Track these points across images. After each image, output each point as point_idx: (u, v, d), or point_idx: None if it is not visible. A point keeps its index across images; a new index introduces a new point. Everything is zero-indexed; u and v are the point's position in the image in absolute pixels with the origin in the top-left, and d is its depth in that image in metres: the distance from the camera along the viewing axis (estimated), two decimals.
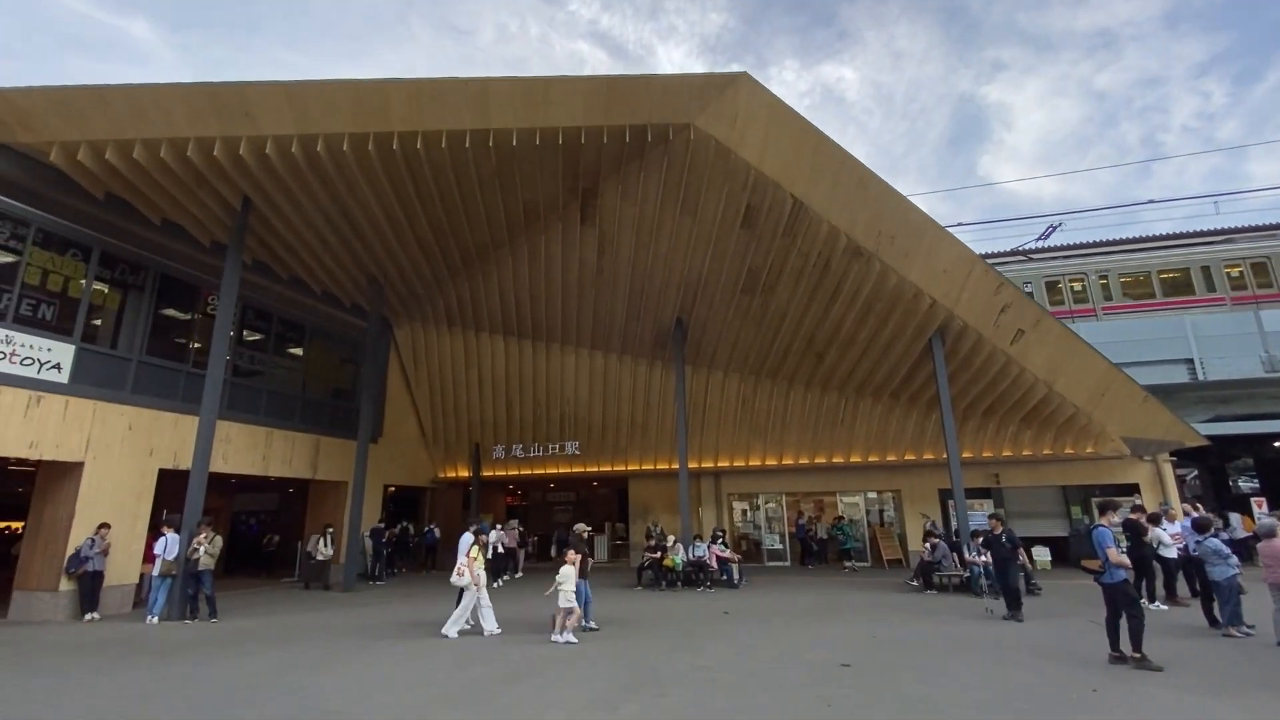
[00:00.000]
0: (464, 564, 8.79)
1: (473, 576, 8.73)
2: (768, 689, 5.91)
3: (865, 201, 12.12)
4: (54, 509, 11.13)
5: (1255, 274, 19.67)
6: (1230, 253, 20.37)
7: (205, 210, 12.36)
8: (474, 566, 8.78)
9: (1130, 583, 6.56)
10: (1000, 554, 9.78)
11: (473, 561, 8.79)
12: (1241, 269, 19.86)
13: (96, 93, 9.92)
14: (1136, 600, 6.54)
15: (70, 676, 6.86)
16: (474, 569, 8.77)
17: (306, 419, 16.03)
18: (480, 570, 8.91)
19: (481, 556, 9.08)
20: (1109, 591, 6.62)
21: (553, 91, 10.46)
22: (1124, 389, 13.95)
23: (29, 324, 10.75)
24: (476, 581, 8.77)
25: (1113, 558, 6.51)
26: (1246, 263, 19.89)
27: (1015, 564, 9.78)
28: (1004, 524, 10.09)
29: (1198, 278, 20.09)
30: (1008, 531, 9.86)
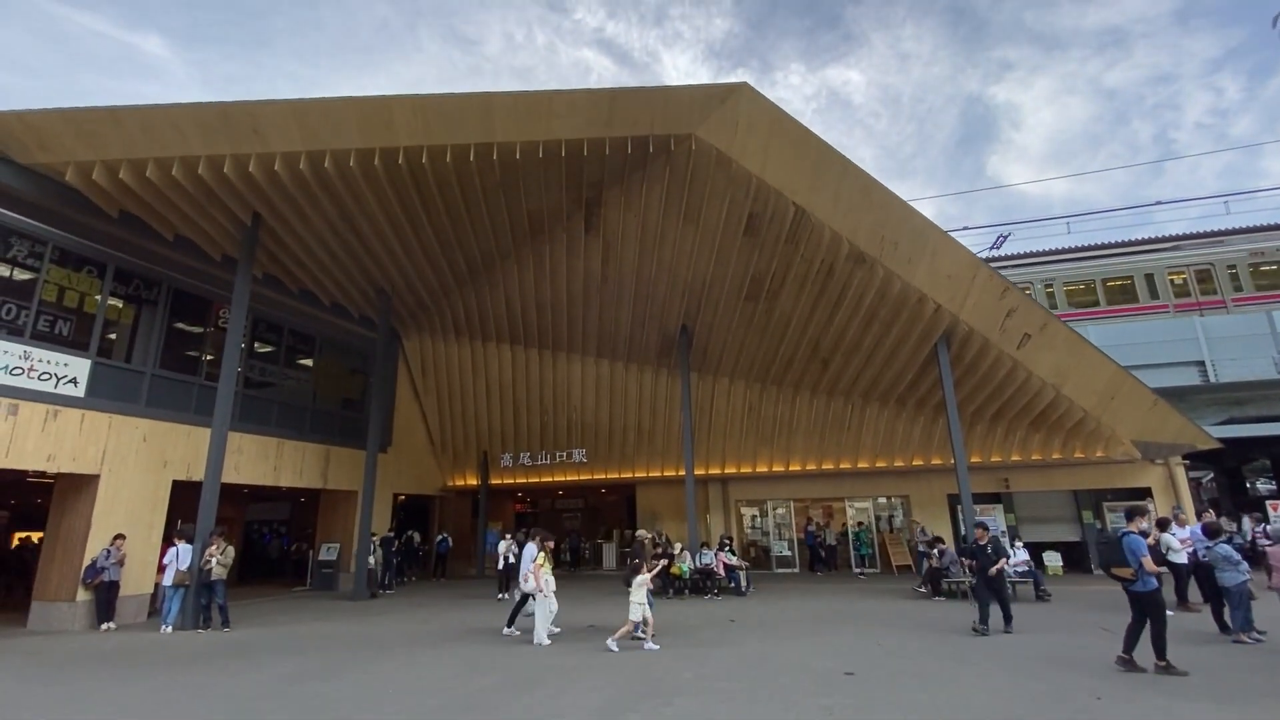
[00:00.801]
0: (529, 570, 8.95)
1: (539, 583, 8.84)
2: (771, 698, 5.94)
3: (868, 208, 12.15)
4: (71, 520, 11.36)
5: (1199, 281, 20.16)
6: (1174, 260, 20.78)
7: (216, 226, 12.60)
8: (540, 573, 8.90)
9: (1160, 590, 6.50)
10: (985, 564, 9.11)
11: (539, 568, 8.92)
12: (1185, 276, 20.31)
13: (110, 113, 10.18)
14: (1164, 608, 6.48)
15: (86, 686, 7.00)
16: (540, 576, 8.88)
17: (317, 429, 16.23)
18: (548, 576, 8.99)
19: (548, 564, 9.20)
20: (1140, 599, 6.55)
21: (555, 105, 10.60)
22: (1133, 392, 13.85)
23: (46, 339, 11.01)
24: (542, 588, 8.86)
25: (1148, 566, 6.44)
26: (1190, 270, 20.36)
27: (1001, 573, 9.26)
28: (989, 533, 9.56)
29: (1141, 286, 20.53)
30: (993, 541, 9.31)
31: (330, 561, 16.67)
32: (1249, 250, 20.47)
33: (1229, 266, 20.21)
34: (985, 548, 9.21)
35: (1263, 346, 17.72)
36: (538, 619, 8.88)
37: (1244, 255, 20.37)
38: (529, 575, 8.93)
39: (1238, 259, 20.26)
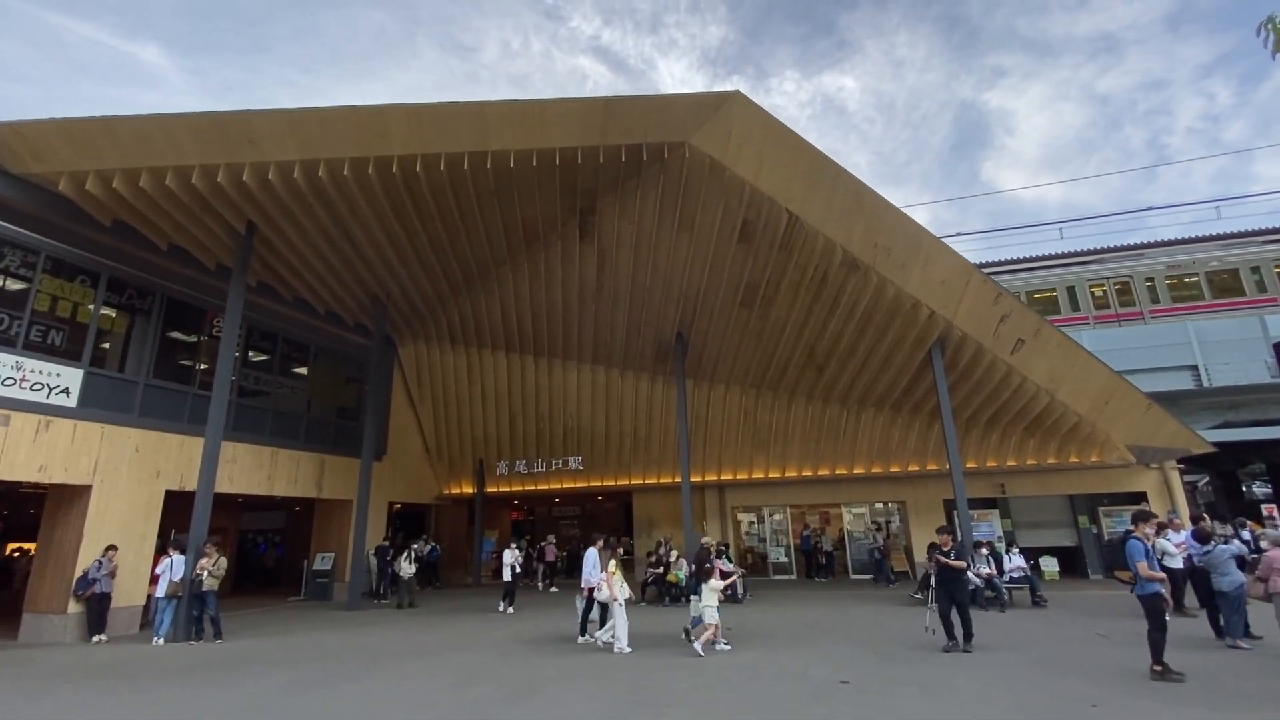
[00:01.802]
0: (603, 579, 8.95)
1: (613, 592, 8.83)
2: (766, 707, 5.91)
3: (861, 214, 12.20)
4: (63, 531, 11.27)
5: (1118, 294, 20.94)
6: (1096, 274, 21.47)
7: (210, 235, 12.59)
8: (613, 581, 8.89)
9: (1162, 595, 6.48)
10: (947, 574, 8.28)
11: (611, 576, 8.92)
12: (1105, 289, 21.05)
13: (104, 123, 10.17)
14: (1163, 613, 6.47)
15: (76, 699, 6.94)
16: (613, 583, 8.88)
17: (311, 438, 16.17)
18: (621, 584, 8.98)
19: (620, 571, 9.20)
20: (1142, 602, 6.59)
21: (549, 113, 10.63)
22: (1127, 397, 13.89)
23: (39, 349, 10.96)
24: (617, 596, 8.85)
25: (1142, 572, 6.45)
26: (1110, 283, 21.09)
27: (964, 586, 8.43)
28: (956, 540, 8.71)
29: (1064, 298, 21.20)
30: (958, 548, 8.43)
31: (325, 571, 16.58)
32: (1166, 264, 21.28)
33: (1146, 279, 21.00)
34: (949, 555, 8.30)
35: (1256, 351, 17.81)
36: (618, 627, 8.82)
37: (1161, 268, 21.16)
38: (602, 584, 8.92)
39: (1155, 272, 21.06)
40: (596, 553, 9.74)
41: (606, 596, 8.87)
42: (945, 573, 8.22)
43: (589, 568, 9.67)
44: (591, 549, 9.86)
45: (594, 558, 9.71)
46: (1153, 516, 7.10)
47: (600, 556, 9.64)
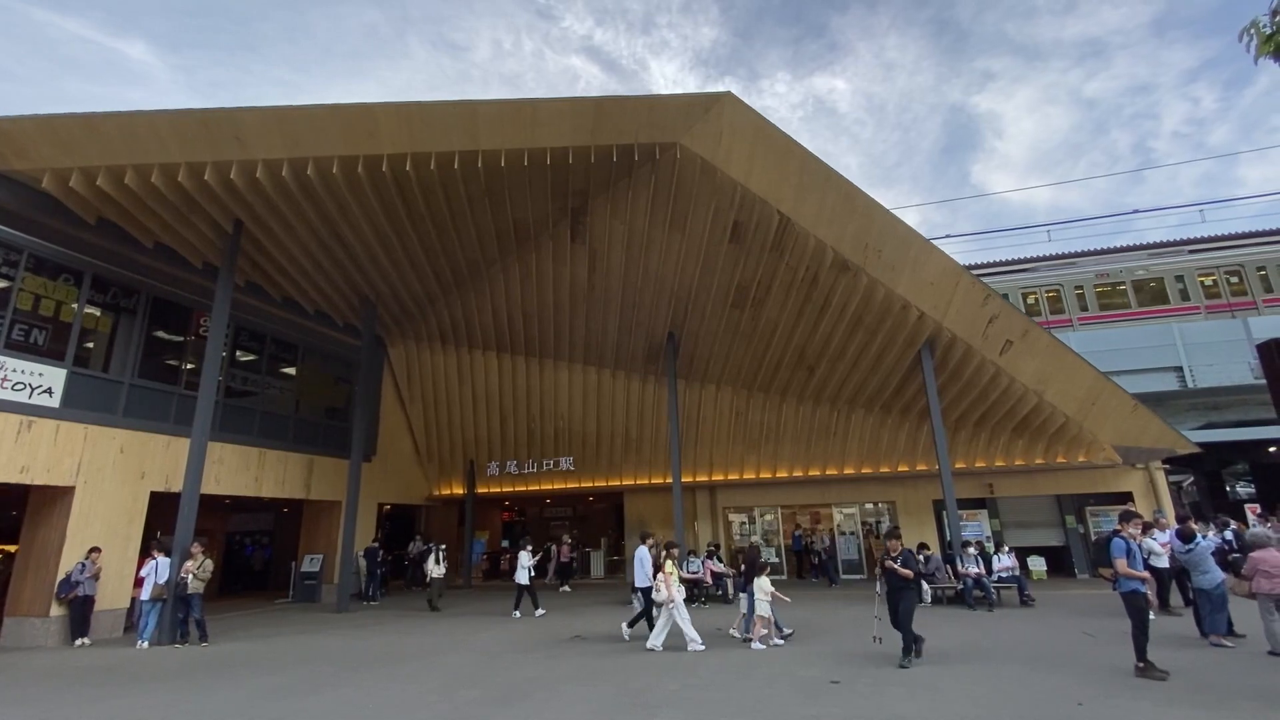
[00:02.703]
0: (661, 580, 8.91)
1: (670, 592, 8.82)
2: (757, 708, 5.91)
3: (851, 216, 12.25)
4: (45, 533, 11.11)
5: (1050, 301, 21.82)
6: (1029, 281, 22.30)
7: (197, 233, 12.45)
8: (671, 581, 8.88)
9: (1140, 593, 6.55)
10: (894, 582, 7.67)
11: (669, 576, 8.90)
12: (1037, 296, 21.91)
13: (88, 120, 10.04)
14: (1143, 611, 6.54)
15: (58, 704, 6.83)
16: (671, 584, 8.87)
17: (300, 439, 16.04)
18: (677, 584, 8.99)
19: (676, 572, 9.19)
20: (1123, 600, 6.67)
21: (540, 113, 10.60)
22: (1114, 398, 14.03)
23: (21, 349, 10.79)
24: (674, 597, 8.85)
25: (1120, 569, 6.56)
26: (1041, 290, 21.94)
27: (911, 594, 7.66)
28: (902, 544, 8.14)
29: None
30: (905, 554, 7.81)
31: (313, 573, 16.44)
32: (1095, 272, 21.95)
33: (1076, 287, 21.66)
34: (896, 560, 7.70)
35: (1239, 353, 18.04)
36: (684, 627, 8.82)
37: (1090, 277, 21.83)
38: (660, 584, 8.88)
39: (1084, 280, 21.71)
40: (647, 552, 9.82)
41: (665, 597, 8.83)
42: (892, 580, 7.68)
43: (640, 568, 9.71)
44: (642, 548, 9.92)
45: (644, 557, 9.76)
46: (1138, 517, 7.17)
47: (650, 554, 9.75)
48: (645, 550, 9.83)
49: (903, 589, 7.58)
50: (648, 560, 9.72)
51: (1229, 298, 20.56)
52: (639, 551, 9.86)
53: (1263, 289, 20.39)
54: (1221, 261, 21.12)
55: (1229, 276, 20.78)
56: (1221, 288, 20.74)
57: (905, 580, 7.55)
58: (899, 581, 7.58)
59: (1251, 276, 20.57)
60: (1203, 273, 21.03)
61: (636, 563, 9.81)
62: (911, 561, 7.70)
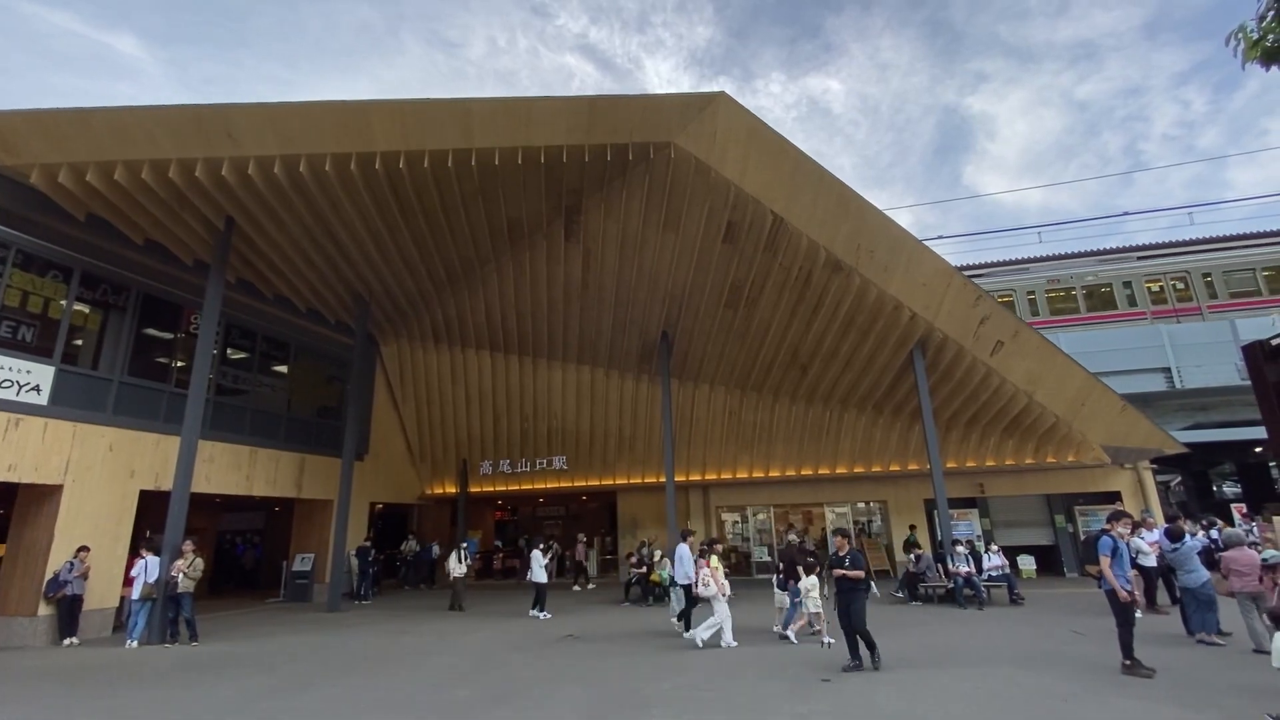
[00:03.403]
0: (707, 574, 8.93)
1: (719, 586, 8.85)
2: (748, 706, 5.94)
3: (844, 216, 12.30)
4: (33, 532, 10.99)
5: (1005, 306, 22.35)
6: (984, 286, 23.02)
7: (188, 230, 12.37)
8: (718, 576, 8.93)
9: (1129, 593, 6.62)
10: (842, 584, 7.34)
11: (716, 571, 8.94)
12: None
13: (78, 115, 9.95)
14: (1126, 610, 6.61)
15: (46, 704, 6.77)
16: (719, 578, 8.91)
17: (291, 437, 15.95)
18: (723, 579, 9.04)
19: (723, 566, 9.24)
20: (1107, 598, 6.75)
21: (534, 112, 10.59)
22: (1102, 398, 14.16)
23: (8, 346, 10.67)
24: (723, 591, 8.90)
25: (1102, 565, 6.66)
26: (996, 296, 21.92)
27: (861, 596, 7.33)
28: (851, 543, 7.77)
29: None
30: (853, 554, 7.48)
31: (304, 572, 16.36)
32: (1046, 278, 22.29)
33: (1028, 293, 21.99)
34: (844, 560, 7.44)
35: (1226, 354, 18.24)
36: (723, 623, 8.88)
37: (1042, 282, 22.16)
38: (709, 580, 8.90)
39: (1037, 286, 22.05)
40: (687, 549, 9.90)
41: (714, 592, 8.85)
42: (842, 583, 7.35)
43: (680, 565, 9.77)
44: (682, 545, 10.02)
45: (686, 553, 9.84)
46: (1127, 516, 7.25)
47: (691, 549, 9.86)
48: (685, 547, 9.97)
49: (852, 590, 7.26)
50: (688, 557, 9.86)
51: (1174, 304, 21.01)
52: (679, 549, 9.99)
53: (1207, 295, 20.85)
54: (1169, 268, 21.61)
55: (1175, 283, 21.26)
56: (1168, 294, 21.20)
57: (854, 581, 7.26)
58: (848, 583, 7.28)
59: (1197, 283, 21.03)
60: (1150, 279, 21.50)
61: (676, 560, 9.91)
62: (860, 561, 7.38)
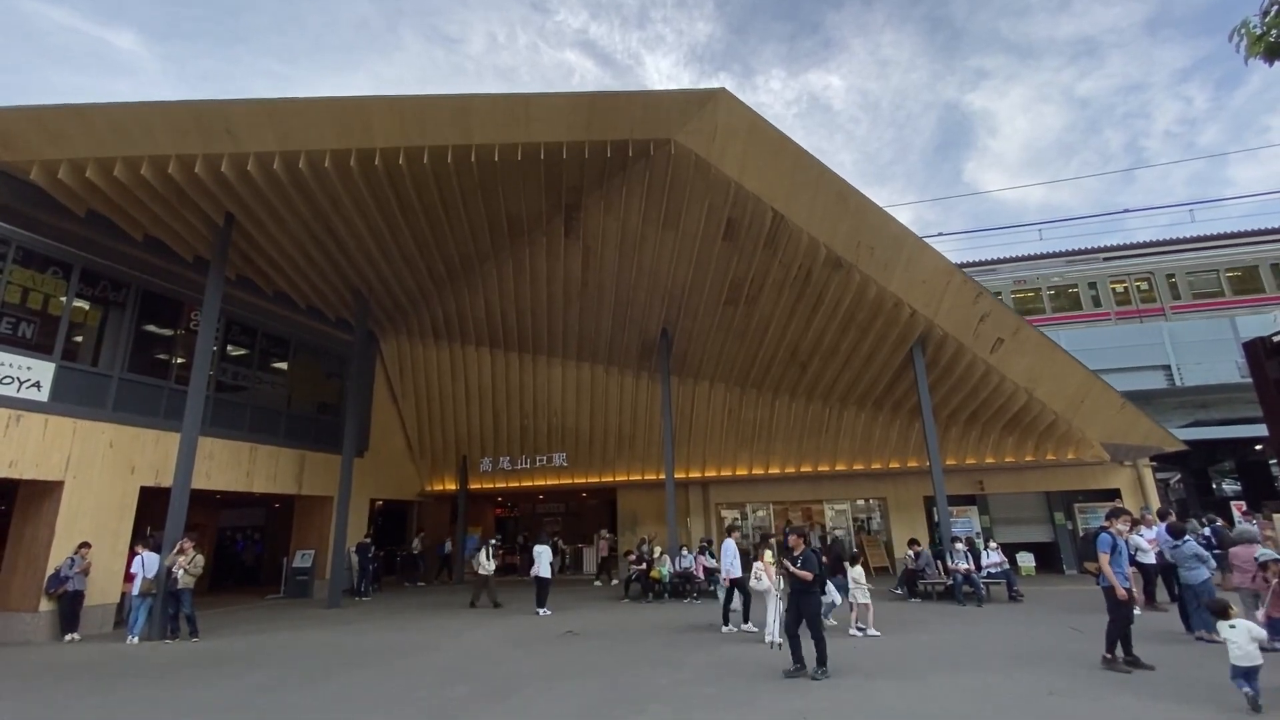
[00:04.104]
0: (760, 569, 8.99)
1: (771, 580, 8.87)
2: (746, 703, 5.96)
3: (844, 214, 12.29)
4: (34, 528, 11.03)
5: None
6: None
7: (188, 226, 12.37)
8: (771, 570, 8.98)
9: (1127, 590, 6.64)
10: (795, 585, 6.90)
11: (770, 566, 9.00)
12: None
13: (77, 111, 9.94)
14: (1118, 607, 6.63)
15: (47, 699, 6.80)
16: (772, 573, 8.95)
17: (291, 434, 15.97)
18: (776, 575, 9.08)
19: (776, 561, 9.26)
20: (1104, 594, 6.76)
21: (534, 108, 10.57)
22: (1102, 395, 14.15)
23: (8, 342, 10.69)
24: (775, 587, 8.91)
25: (1101, 563, 6.68)
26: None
27: (814, 598, 6.93)
28: (807, 541, 7.33)
29: None
30: (807, 553, 7.01)
31: (305, 569, 16.40)
32: (1013, 279, 22.58)
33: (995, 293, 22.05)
34: (796, 560, 6.99)
35: (1226, 351, 18.23)
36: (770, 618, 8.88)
37: (1008, 283, 22.42)
38: (762, 574, 8.94)
39: (1003, 286, 22.27)
40: (734, 544, 10.07)
41: (767, 586, 8.86)
42: (794, 583, 6.96)
43: (728, 558, 9.88)
44: (729, 540, 10.16)
45: (732, 549, 9.98)
46: (1126, 513, 7.26)
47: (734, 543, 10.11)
48: (732, 543, 10.13)
49: (805, 592, 6.86)
50: (736, 552, 10.01)
51: (1138, 304, 21.22)
52: (726, 544, 10.11)
53: (1171, 296, 21.02)
54: (1133, 269, 21.76)
55: (1139, 284, 21.44)
56: (1132, 294, 21.39)
57: (806, 583, 6.85)
58: (800, 584, 6.87)
59: (1161, 284, 21.20)
60: (1115, 280, 21.66)
61: (724, 555, 9.99)
62: (812, 562, 6.90)
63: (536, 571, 12.57)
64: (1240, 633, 5.32)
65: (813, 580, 6.81)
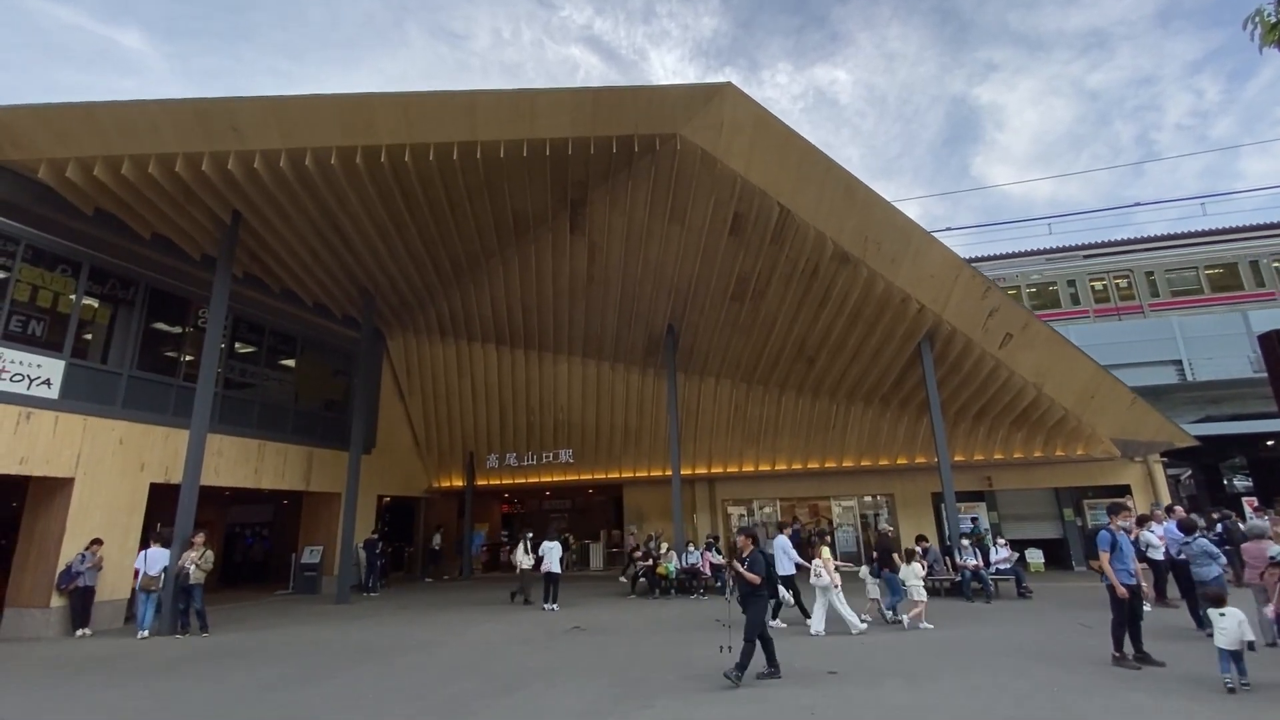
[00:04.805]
0: (819, 565, 9.10)
1: (831, 576, 9.04)
2: (754, 699, 5.94)
3: (852, 208, 12.21)
4: (45, 525, 11.13)
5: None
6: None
7: (195, 224, 12.42)
8: (831, 566, 9.14)
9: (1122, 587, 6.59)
10: (743, 588, 6.54)
11: (828, 562, 9.13)
12: None
13: (84, 110, 9.98)
14: (1122, 604, 6.58)
15: (58, 693, 6.86)
16: (831, 568, 9.12)
17: (299, 431, 16.04)
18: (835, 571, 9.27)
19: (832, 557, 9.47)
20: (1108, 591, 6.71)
21: (539, 104, 10.55)
22: (1112, 391, 14.04)
23: (19, 340, 10.77)
24: (838, 582, 9.11)
25: (1101, 561, 6.64)
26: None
27: (761, 602, 6.55)
28: (756, 541, 6.91)
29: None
30: (754, 555, 6.62)
31: (313, 565, 16.49)
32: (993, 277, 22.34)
33: None
34: (744, 561, 6.64)
35: (1239, 346, 18.04)
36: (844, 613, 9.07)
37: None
38: (821, 570, 9.07)
39: None
40: (788, 540, 10.11)
41: (827, 582, 9.02)
42: (741, 585, 6.58)
43: (783, 556, 9.91)
44: (781, 536, 10.19)
45: (785, 544, 10.01)
46: (1127, 509, 7.22)
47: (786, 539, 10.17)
48: (785, 539, 10.17)
49: (752, 594, 6.48)
50: (790, 548, 10.05)
51: (1117, 302, 21.13)
52: (779, 540, 10.13)
53: (1149, 293, 20.90)
54: (1112, 267, 21.65)
55: (1118, 281, 21.32)
56: (1110, 292, 21.29)
57: (752, 586, 6.46)
58: (747, 587, 6.49)
59: (1140, 282, 21.10)
60: (1094, 278, 21.56)
61: (778, 551, 9.98)
62: (760, 565, 6.51)
63: (547, 567, 12.68)
64: (1230, 620, 5.62)
65: (760, 584, 6.47)
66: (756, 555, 6.61)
